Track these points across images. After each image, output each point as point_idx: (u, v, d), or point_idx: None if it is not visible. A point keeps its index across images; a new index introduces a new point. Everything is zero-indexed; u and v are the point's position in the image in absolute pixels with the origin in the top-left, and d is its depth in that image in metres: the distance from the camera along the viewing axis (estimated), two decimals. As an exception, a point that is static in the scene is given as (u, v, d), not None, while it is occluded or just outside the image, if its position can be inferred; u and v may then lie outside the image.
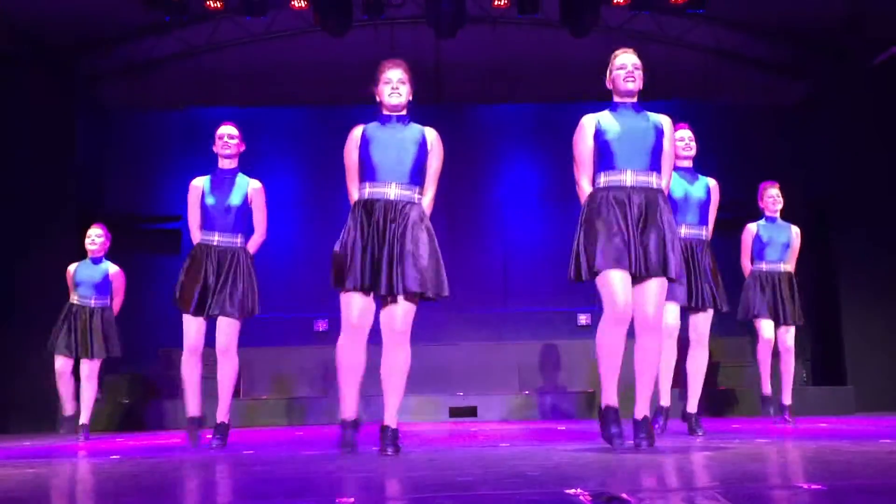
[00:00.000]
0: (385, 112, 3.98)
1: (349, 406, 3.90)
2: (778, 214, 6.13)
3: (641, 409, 3.83)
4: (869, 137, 9.16)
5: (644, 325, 3.81)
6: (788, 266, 6.10)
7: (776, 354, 6.14)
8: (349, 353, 3.84)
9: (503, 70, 9.95)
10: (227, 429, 4.92)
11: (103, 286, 6.47)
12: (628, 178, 3.80)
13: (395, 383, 3.84)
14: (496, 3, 9.03)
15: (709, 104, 9.92)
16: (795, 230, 6.17)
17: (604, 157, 3.85)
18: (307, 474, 3.04)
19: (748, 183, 9.28)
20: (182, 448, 4.81)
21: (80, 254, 6.69)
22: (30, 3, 8.22)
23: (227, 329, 4.80)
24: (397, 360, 3.83)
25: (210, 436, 4.85)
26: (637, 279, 3.76)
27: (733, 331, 7.81)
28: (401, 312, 3.80)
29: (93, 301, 6.43)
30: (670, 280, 3.81)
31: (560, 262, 9.57)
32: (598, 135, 3.89)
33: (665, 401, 5.03)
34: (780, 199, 6.14)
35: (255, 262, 5.04)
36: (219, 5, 8.66)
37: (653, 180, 3.82)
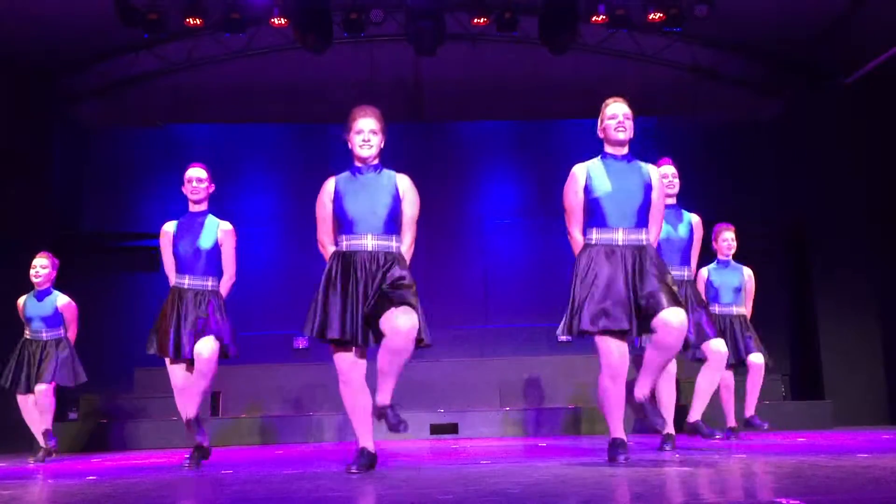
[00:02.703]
0: (356, 163, 3.98)
1: (365, 438, 3.91)
2: (730, 258, 6.09)
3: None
4: (844, 154, 9.28)
5: (666, 338, 3.75)
6: (742, 309, 6.04)
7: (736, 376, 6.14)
8: (352, 397, 3.88)
9: (483, 87, 10.00)
10: (208, 452, 4.89)
11: (54, 319, 6.37)
12: (619, 236, 3.89)
13: (393, 370, 3.71)
14: (475, 21, 9.09)
15: (685, 121, 10.02)
16: (748, 273, 6.12)
17: (595, 214, 3.93)
18: (286, 493, 3.01)
19: (723, 200, 9.40)
20: (159, 468, 4.76)
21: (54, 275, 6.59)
22: (5, 21, 8.17)
23: (209, 344, 4.73)
24: (401, 357, 3.68)
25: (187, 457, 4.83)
26: (648, 318, 3.77)
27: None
28: (403, 314, 3.66)
29: (44, 334, 6.35)
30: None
31: (541, 278, 9.74)
32: (589, 191, 3.95)
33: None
34: (734, 244, 6.09)
35: (235, 285, 5.05)
36: (198, 22, 8.64)
37: (642, 237, 3.92)
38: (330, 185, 3.97)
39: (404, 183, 3.98)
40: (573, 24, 8.80)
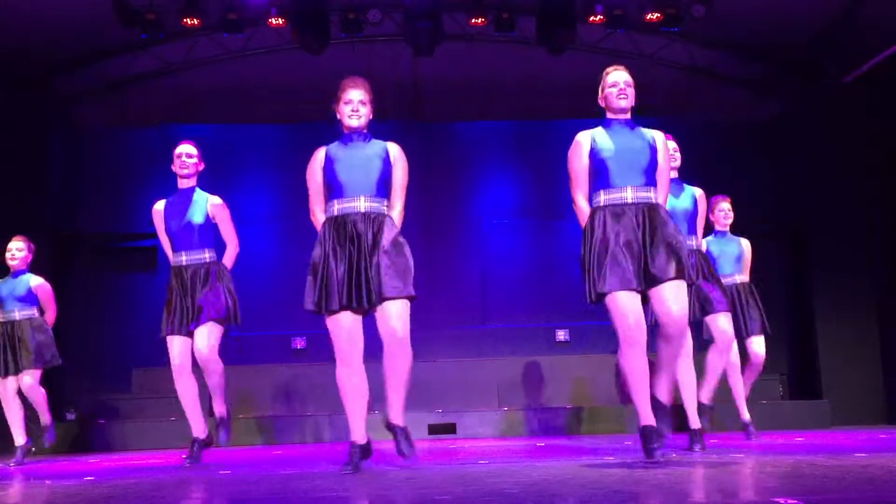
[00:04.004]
0: (346, 131, 4.02)
1: (357, 429, 3.91)
2: (728, 229, 6.15)
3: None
4: (842, 154, 9.29)
5: (671, 333, 3.73)
6: (744, 277, 6.12)
7: (741, 365, 6.12)
8: (349, 380, 3.85)
9: (480, 87, 10.00)
10: (227, 423, 4.94)
11: (27, 298, 6.20)
12: (628, 194, 3.81)
13: (399, 383, 3.84)
14: (473, 21, 9.09)
15: (683, 120, 10.02)
16: (745, 242, 6.19)
17: (601, 175, 3.87)
18: (284, 494, 3.01)
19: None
20: (158, 469, 4.76)
21: (53, 275, 6.57)
22: (3, 22, 8.16)
23: (203, 334, 4.76)
24: (401, 364, 3.81)
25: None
26: (653, 286, 3.73)
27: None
28: (397, 319, 3.78)
29: (17, 314, 6.16)
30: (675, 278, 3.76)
31: (539, 278, 9.73)
32: (594, 153, 3.90)
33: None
34: (731, 214, 6.16)
35: (232, 278, 5.03)
36: (196, 23, 8.63)
37: (651, 195, 3.84)
38: (321, 154, 4.00)
39: (395, 149, 4.03)
40: (571, 24, 8.80)
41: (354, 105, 3.96)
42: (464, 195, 10.14)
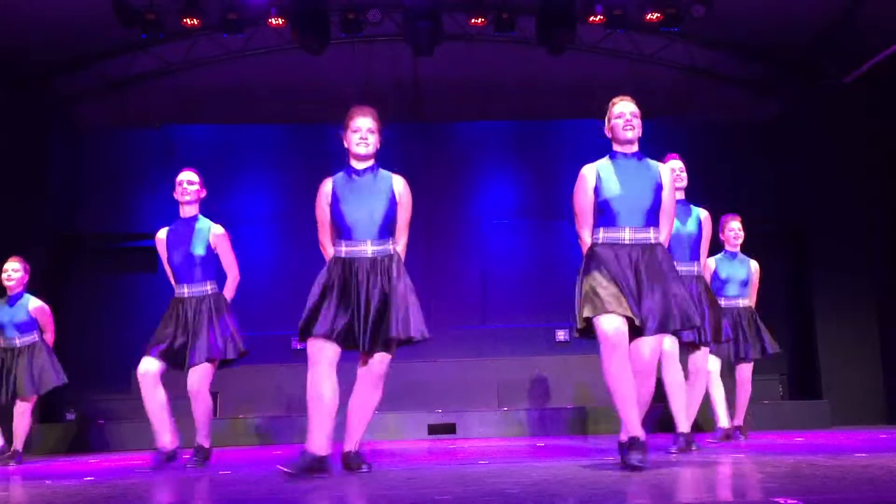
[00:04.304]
0: (353, 161, 3.98)
1: (317, 439, 3.68)
2: (738, 249, 6.09)
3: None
4: (842, 154, 9.28)
5: (639, 371, 3.74)
6: (747, 301, 6.06)
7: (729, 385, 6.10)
8: (319, 386, 3.71)
9: (480, 87, 9.99)
10: (208, 453, 4.89)
11: (27, 324, 6.23)
12: (626, 235, 3.81)
13: (363, 417, 3.95)
14: (473, 21, 9.08)
15: (683, 120, 10.02)
16: (754, 266, 6.13)
17: (604, 214, 3.86)
18: (284, 494, 3.01)
19: (721, 199, 9.40)
20: (158, 469, 4.75)
21: (52, 275, 6.54)
22: (2, 22, 8.15)
23: (196, 374, 4.79)
24: (371, 398, 3.93)
25: (188, 457, 4.85)
26: (634, 332, 3.72)
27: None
28: (381, 359, 3.87)
29: (18, 341, 6.19)
30: (674, 333, 3.78)
31: (539, 278, 9.72)
32: (598, 191, 3.87)
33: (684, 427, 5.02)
34: (742, 234, 6.09)
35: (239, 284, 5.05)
36: (196, 23, 8.63)
37: (650, 235, 3.84)
38: (327, 187, 3.97)
39: (400, 185, 3.99)
40: (571, 25, 8.79)
41: (363, 133, 3.93)
42: (464, 195, 10.14)
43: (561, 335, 9.42)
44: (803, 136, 9.55)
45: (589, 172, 3.93)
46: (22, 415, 6.19)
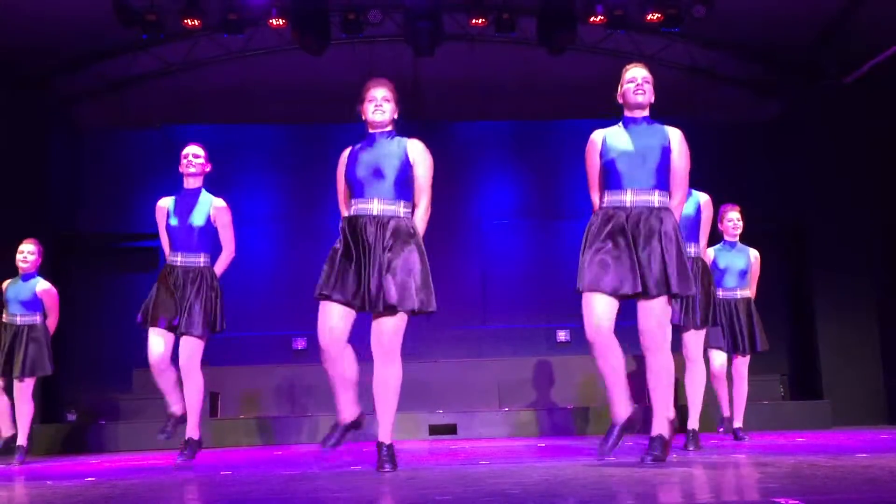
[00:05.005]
0: (370, 130, 4.01)
1: (345, 409, 3.93)
2: (737, 239, 6.05)
3: (656, 427, 3.81)
4: (842, 154, 9.29)
5: (648, 346, 3.79)
6: (746, 292, 5.99)
7: (729, 380, 6.05)
8: (331, 365, 3.86)
9: (481, 87, 9.99)
10: (198, 445, 4.91)
11: (32, 303, 6.25)
12: (628, 197, 3.80)
13: (386, 400, 3.86)
14: (474, 21, 9.09)
15: (683, 121, 9.99)
16: (754, 255, 6.08)
17: (608, 176, 3.87)
18: (285, 495, 3.01)
19: (722, 199, 9.39)
20: (158, 469, 4.76)
21: (53, 276, 6.58)
22: (2, 22, 8.15)
23: (188, 347, 4.82)
24: (386, 377, 3.84)
25: (179, 452, 4.86)
26: (638, 298, 3.75)
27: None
28: (386, 329, 3.80)
29: (19, 318, 6.22)
30: (674, 296, 3.77)
31: (539, 278, 9.72)
32: (604, 153, 3.90)
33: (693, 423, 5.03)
34: (741, 224, 6.05)
35: (233, 280, 5.06)
36: (196, 23, 8.63)
37: (654, 199, 3.80)
38: (345, 154, 4.02)
39: (415, 148, 3.99)
40: (571, 25, 8.80)
41: (378, 101, 3.98)
42: (464, 195, 10.14)
43: (561, 335, 9.43)
44: (803, 136, 9.55)
45: (597, 136, 3.97)
46: (22, 399, 6.17)
